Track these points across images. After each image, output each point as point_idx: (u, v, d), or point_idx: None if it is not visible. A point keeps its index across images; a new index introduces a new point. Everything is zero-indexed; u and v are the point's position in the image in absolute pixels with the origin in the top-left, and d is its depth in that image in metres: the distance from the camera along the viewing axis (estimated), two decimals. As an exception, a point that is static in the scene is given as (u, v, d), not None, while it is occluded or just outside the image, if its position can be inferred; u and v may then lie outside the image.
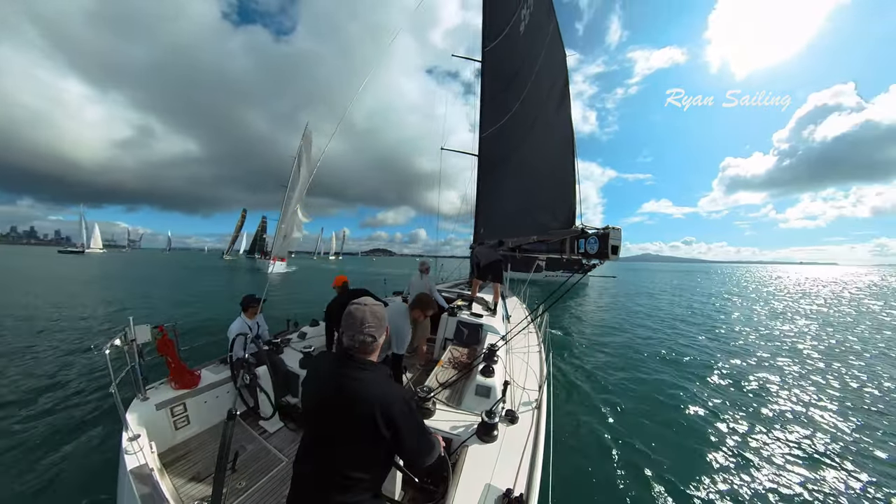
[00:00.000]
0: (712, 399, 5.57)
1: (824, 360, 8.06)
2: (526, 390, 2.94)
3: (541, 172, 3.66)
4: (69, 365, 6.02)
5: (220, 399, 3.01)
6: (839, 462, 3.97)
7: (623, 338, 9.74)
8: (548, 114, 3.89)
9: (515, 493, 1.72)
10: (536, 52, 4.54)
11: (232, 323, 3.44)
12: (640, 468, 3.71)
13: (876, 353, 8.80)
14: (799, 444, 4.33)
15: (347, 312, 1.30)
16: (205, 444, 2.74)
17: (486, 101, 6.39)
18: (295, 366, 3.36)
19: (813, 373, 7.13)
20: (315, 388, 1.31)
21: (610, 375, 6.46)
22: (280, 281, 25.39)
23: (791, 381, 6.57)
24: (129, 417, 2.34)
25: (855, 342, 9.96)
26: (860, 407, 5.49)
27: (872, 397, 5.89)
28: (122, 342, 2.48)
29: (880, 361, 7.97)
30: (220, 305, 12.93)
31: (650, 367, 7.18)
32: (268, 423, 2.96)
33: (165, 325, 2.86)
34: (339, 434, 1.20)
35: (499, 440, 2.20)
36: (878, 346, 9.56)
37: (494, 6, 6.28)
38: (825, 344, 9.70)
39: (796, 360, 7.90)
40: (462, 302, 5.17)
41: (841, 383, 6.52)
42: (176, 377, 2.81)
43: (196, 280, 23.91)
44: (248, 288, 18.45)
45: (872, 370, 7.33)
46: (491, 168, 6.22)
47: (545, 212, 3.05)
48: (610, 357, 7.77)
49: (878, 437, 4.58)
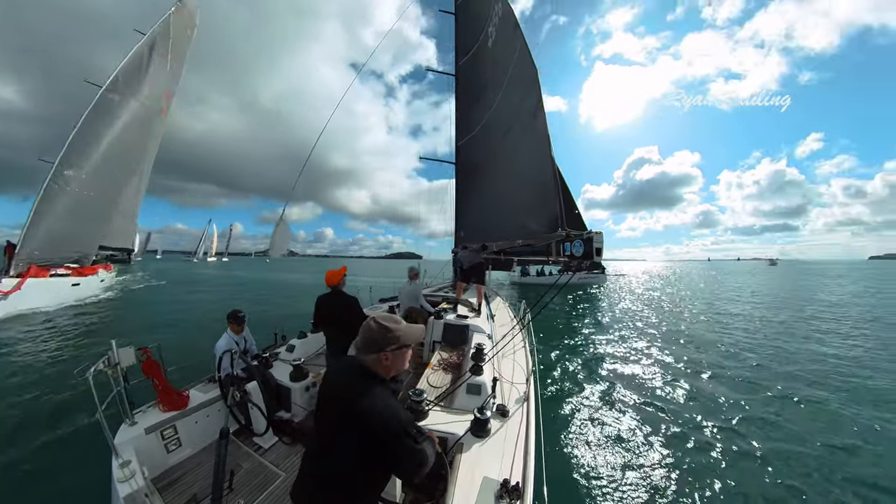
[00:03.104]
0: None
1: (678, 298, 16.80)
2: (514, 385, 3.08)
3: (520, 179, 3.88)
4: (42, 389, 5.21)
5: (211, 418, 2.95)
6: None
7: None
8: (522, 124, 4.13)
9: (512, 483, 1.78)
10: (505, 66, 4.79)
11: (218, 340, 3.37)
12: (626, 449, 4.13)
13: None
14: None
15: (365, 326, 1.33)
16: (199, 465, 2.68)
17: (460, 111, 6.63)
18: (285, 379, 3.35)
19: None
20: (325, 392, 1.38)
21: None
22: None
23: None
24: (117, 443, 2.26)
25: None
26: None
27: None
28: (105, 366, 2.41)
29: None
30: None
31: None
32: (262, 439, 2.92)
33: (150, 346, 2.79)
34: (337, 441, 1.23)
35: (492, 435, 2.29)
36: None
37: (466, 23, 6.59)
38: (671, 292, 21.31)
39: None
40: (447, 305, 5.32)
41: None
42: (164, 399, 2.74)
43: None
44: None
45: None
46: (467, 174, 6.45)
47: (527, 216, 3.26)
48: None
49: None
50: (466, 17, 6.70)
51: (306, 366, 3.55)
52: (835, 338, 9.71)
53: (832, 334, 10.17)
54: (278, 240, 2.97)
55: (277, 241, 2.92)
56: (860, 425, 4.77)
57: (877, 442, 4.39)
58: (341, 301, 3.36)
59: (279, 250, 2.99)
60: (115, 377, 2.42)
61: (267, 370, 3.43)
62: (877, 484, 3.59)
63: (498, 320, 5.23)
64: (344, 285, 3.46)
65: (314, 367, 3.90)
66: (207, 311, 13.47)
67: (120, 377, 2.45)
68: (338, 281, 3.36)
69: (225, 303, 15.65)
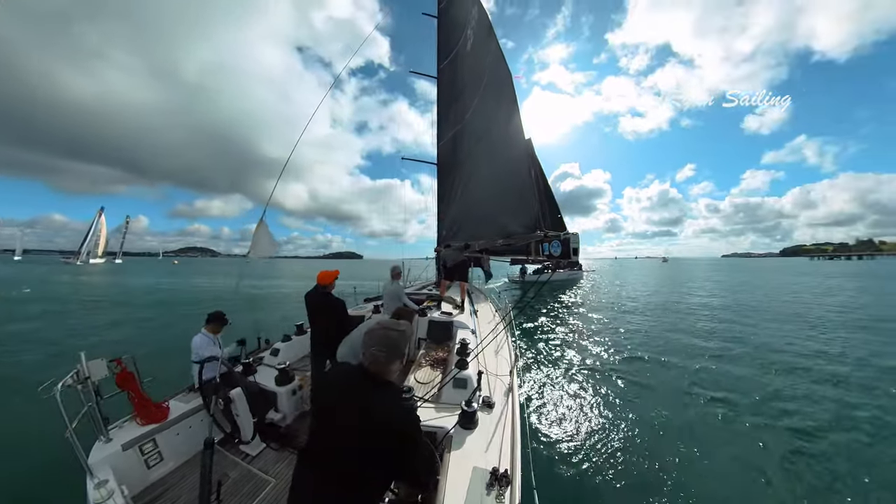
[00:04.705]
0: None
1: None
2: (499, 377, 3.19)
3: (499, 180, 4.00)
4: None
5: (193, 429, 2.85)
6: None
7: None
8: (499, 126, 4.24)
9: (501, 471, 1.85)
10: (481, 70, 4.92)
11: (194, 341, 3.10)
12: (603, 431, 4.47)
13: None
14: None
15: (370, 331, 1.36)
16: (184, 479, 2.59)
17: (441, 112, 6.73)
18: (271, 384, 3.30)
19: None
20: (333, 401, 1.33)
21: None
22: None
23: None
24: (92, 463, 2.15)
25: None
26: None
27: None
28: (74, 381, 2.28)
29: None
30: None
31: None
32: (249, 446, 2.87)
33: (123, 356, 2.65)
34: (358, 449, 1.21)
35: (479, 426, 2.35)
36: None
37: (448, 27, 6.71)
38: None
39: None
40: (431, 302, 5.40)
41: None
42: (141, 412, 2.62)
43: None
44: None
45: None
46: (447, 175, 6.56)
47: (506, 217, 3.37)
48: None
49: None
50: (448, 21, 6.81)
51: (291, 369, 3.51)
52: (704, 308, 15.64)
53: (704, 307, 15.86)
54: (259, 242, 2.87)
55: (259, 243, 2.83)
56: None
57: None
58: (328, 302, 3.40)
59: (261, 252, 2.87)
60: (85, 392, 2.29)
61: (251, 376, 3.37)
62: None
63: (481, 316, 5.36)
64: (334, 288, 3.51)
65: (299, 370, 3.85)
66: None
67: (91, 392, 2.32)
68: (329, 282, 3.42)
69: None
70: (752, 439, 4.34)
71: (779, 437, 4.39)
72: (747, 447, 4.19)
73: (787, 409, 5.14)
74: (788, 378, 6.38)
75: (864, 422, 4.75)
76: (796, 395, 5.62)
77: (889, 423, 4.70)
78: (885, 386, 5.87)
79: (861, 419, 4.82)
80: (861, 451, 4.11)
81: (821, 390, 5.79)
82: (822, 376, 6.43)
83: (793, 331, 10.30)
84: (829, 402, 5.37)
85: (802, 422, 4.74)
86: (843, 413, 5.00)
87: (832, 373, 6.60)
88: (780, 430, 4.53)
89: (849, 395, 5.57)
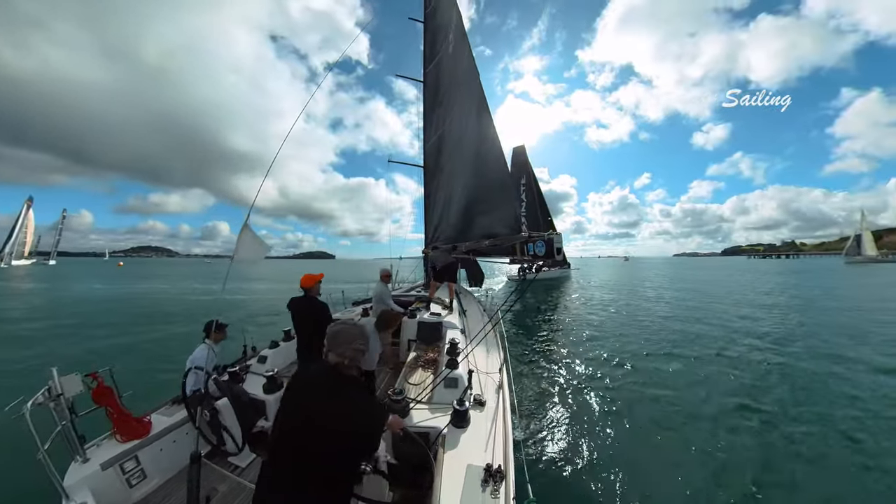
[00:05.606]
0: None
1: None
2: (489, 375, 3.23)
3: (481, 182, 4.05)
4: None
5: (178, 443, 2.73)
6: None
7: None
8: (476, 129, 4.32)
9: (494, 467, 1.87)
10: (458, 74, 5.02)
11: (195, 352, 3.01)
12: (592, 422, 4.61)
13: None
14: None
15: (336, 331, 1.41)
16: (169, 497, 2.49)
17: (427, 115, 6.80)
18: (259, 392, 3.22)
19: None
20: (303, 401, 1.34)
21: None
22: None
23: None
24: (67, 485, 2.02)
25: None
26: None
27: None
28: (45, 398, 2.15)
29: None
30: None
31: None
32: (238, 457, 2.79)
33: (99, 370, 2.52)
34: (322, 449, 1.24)
35: (472, 424, 2.37)
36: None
37: (434, 32, 6.84)
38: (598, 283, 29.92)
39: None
40: (420, 304, 5.39)
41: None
42: (121, 428, 2.48)
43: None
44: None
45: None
46: (433, 177, 6.65)
47: (490, 219, 3.43)
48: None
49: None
50: (434, 26, 6.96)
51: (280, 377, 3.44)
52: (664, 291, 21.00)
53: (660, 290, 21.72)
54: (244, 245, 2.79)
55: (244, 247, 2.75)
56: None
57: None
58: (311, 305, 3.35)
59: (247, 256, 2.77)
60: (58, 410, 2.16)
61: (238, 385, 3.27)
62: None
63: (470, 315, 5.39)
64: (318, 292, 3.45)
65: (288, 377, 3.76)
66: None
67: (65, 409, 2.18)
68: (311, 285, 3.36)
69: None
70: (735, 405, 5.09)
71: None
72: (734, 421, 4.71)
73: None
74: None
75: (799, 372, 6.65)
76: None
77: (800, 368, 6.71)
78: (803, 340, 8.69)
79: (797, 369, 6.77)
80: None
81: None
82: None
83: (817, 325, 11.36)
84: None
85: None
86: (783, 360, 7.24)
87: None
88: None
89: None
